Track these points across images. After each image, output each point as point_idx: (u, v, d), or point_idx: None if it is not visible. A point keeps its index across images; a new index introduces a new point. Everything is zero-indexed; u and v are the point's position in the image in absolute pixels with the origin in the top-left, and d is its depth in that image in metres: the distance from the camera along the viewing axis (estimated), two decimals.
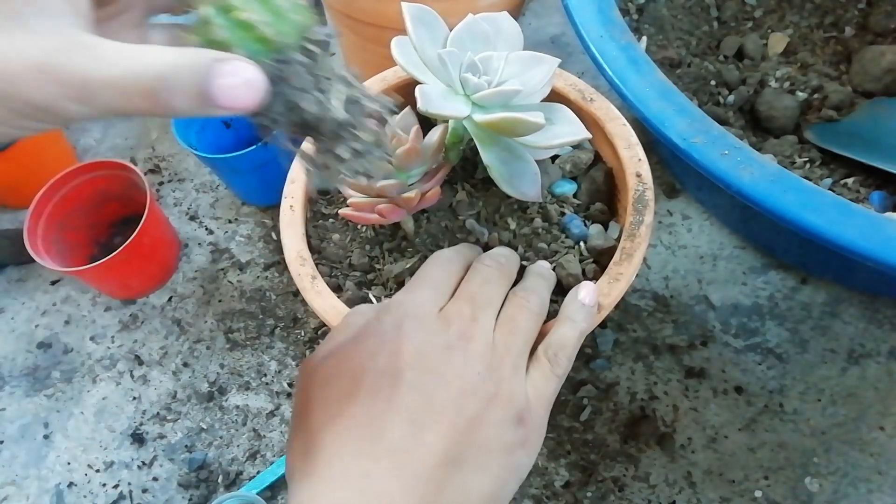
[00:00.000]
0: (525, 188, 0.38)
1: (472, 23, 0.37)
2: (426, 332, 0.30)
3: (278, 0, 0.24)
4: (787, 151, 0.59)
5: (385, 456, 0.26)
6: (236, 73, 0.22)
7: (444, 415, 0.28)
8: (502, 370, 0.30)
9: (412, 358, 0.29)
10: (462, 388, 0.28)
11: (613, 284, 0.36)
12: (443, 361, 0.29)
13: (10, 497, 0.54)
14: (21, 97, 0.20)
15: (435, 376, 0.28)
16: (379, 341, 0.30)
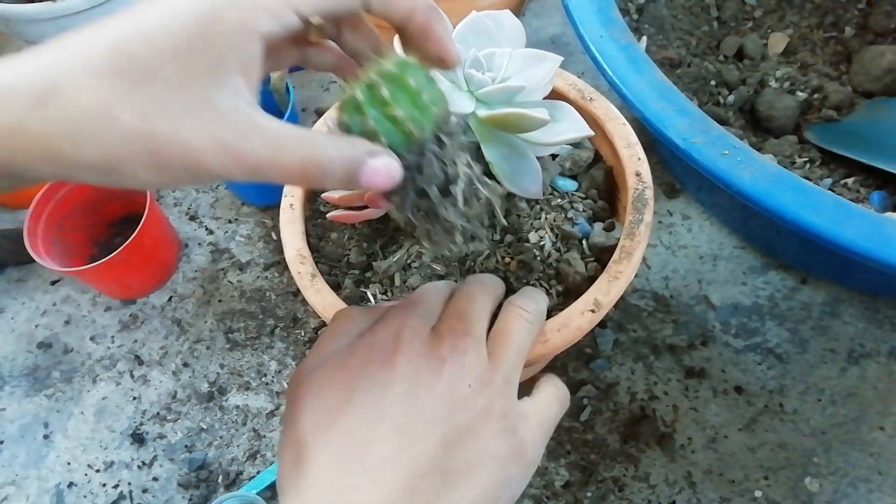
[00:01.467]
0: (528, 185, 0.38)
1: (476, 20, 0.37)
2: (419, 345, 0.30)
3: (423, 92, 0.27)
4: (787, 151, 0.59)
5: (373, 468, 0.26)
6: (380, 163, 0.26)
7: (433, 426, 0.28)
8: (494, 383, 0.30)
9: (405, 370, 0.29)
10: (453, 401, 0.28)
11: (612, 283, 0.36)
12: (434, 374, 0.29)
13: (10, 497, 0.54)
14: (200, 167, 0.23)
15: (426, 389, 0.28)
16: (372, 353, 0.30)
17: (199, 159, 0.23)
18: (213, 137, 0.23)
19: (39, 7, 0.58)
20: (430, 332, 0.31)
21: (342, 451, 0.27)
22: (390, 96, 0.26)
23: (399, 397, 0.28)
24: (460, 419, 0.28)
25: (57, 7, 0.58)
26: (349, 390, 0.29)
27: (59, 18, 0.59)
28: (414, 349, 0.30)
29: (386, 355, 0.29)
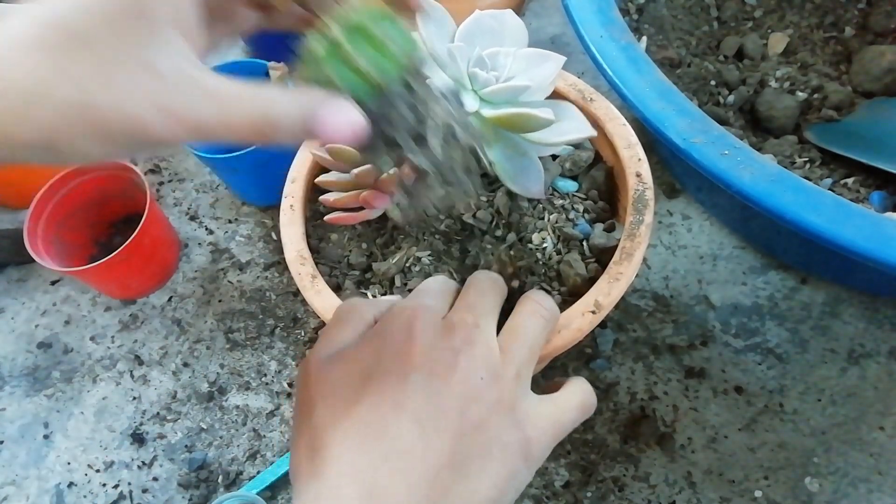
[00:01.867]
0: (530, 185, 0.38)
1: (480, 19, 0.37)
2: (433, 335, 0.30)
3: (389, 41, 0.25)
4: (787, 151, 0.59)
5: (391, 456, 0.26)
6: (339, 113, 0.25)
7: (449, 418, 0.28)
8: (506, 377, 0.30)
9: (419, 360, 0.29)
10: (466, 393, 0.28)
11: (613, 284, 0.36)
12: (449, 365, 0.29)
13: (10, 497, 0.54)
14: (145, 134, 0.22)
15: (441, 380, 0.28)
16: (386, 342, 0.30)
17: (144, 127, 0.22)
18: (156, 103, 0.22)
19: None
20: (442, 324, 0.31)
21: (360, 440, 0.27)
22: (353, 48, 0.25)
23: (416, 388, 0.28)
24: (473, 412, 0.28)
25: None
26: (364, 380, 0.28)
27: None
28: (427, 340, 0.29)
29: (400, 345, 0.29)
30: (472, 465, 0.28)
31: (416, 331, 0.30)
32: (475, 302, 0.32)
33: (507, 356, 0.30)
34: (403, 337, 0.29)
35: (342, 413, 0.28)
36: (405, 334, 0.30)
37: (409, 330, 0.30)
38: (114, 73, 0.22)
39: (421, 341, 0.29)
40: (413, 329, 0.30)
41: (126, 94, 0.22)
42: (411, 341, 0.29)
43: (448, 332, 0.30)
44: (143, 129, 0.22)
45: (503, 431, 0.29)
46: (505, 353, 0.31)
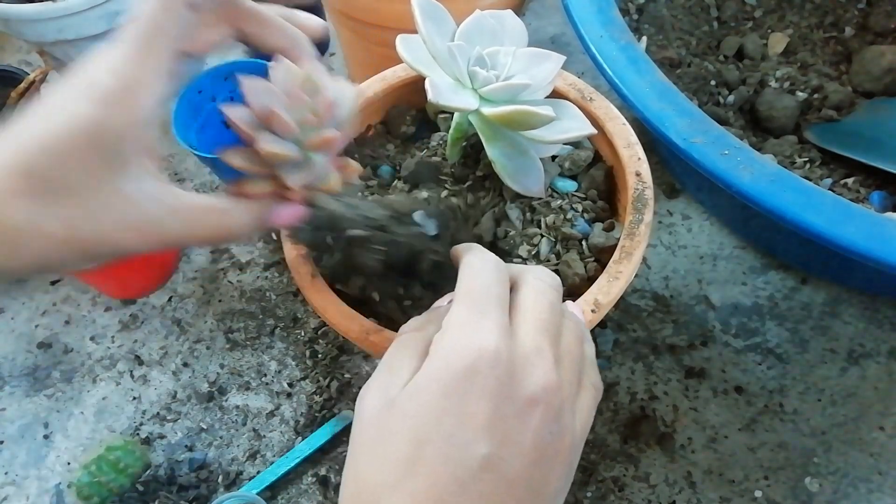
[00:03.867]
0: (530, 184, 0.38)
1: (480, 18, 0.37)
2: (504, 385, 0.25)
3: None
4: (787, 151, 0.59)
5: None
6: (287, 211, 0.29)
7: (513, 494, 0.24)
8: (566, 414, 0.26)
9: (488, 423, 0.24)
10: (536, 457, 0.25)
11: (613, 283, 0.36)
12: (523, 425, 0.25)
13: (10, 497, 0.54)
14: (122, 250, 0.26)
15: (510, 447, 0.24)
16: (445, 396, 0.25)
17: (120, 244, 0.26)
18: (131, 226, 0.25)
19: (39, 7, 0.58)
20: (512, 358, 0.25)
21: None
22: None
23: (479, 462, 0.24)
24: (539, 475, 0.25)
25: (57, 7, 0.58)
26: (418, 444, 0.24)
27: (60, 18, 0.59)
28: (499, 388, 0.25)
29: (460, 397, 0.24)
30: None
31: (481, 376, 0.25)
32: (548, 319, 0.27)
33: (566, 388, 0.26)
34: (464, 385, 0.24)
35: (392, 480, 0.24)
36: (466, 381, 0.25)
37: (472, 375, 0.25)
38: (92, 207, 0.25)
39: (487, 392, 0.24)
40: (477, 373, 0.25)
41: (105, 224, 0.25)
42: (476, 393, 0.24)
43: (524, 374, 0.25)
44: (120, 246, 0.26)
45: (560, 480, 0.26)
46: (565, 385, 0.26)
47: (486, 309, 0.26)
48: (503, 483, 0.24)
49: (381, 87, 0.46)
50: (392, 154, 0.46)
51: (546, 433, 0.25)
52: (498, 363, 0.25)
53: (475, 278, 0.28)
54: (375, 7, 0.56)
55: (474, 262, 0.29)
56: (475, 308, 0.26)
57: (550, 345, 0.26)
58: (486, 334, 0.25)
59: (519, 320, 0.27)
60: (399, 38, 0.36)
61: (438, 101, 0.33)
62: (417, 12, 0.35)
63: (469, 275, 0.28)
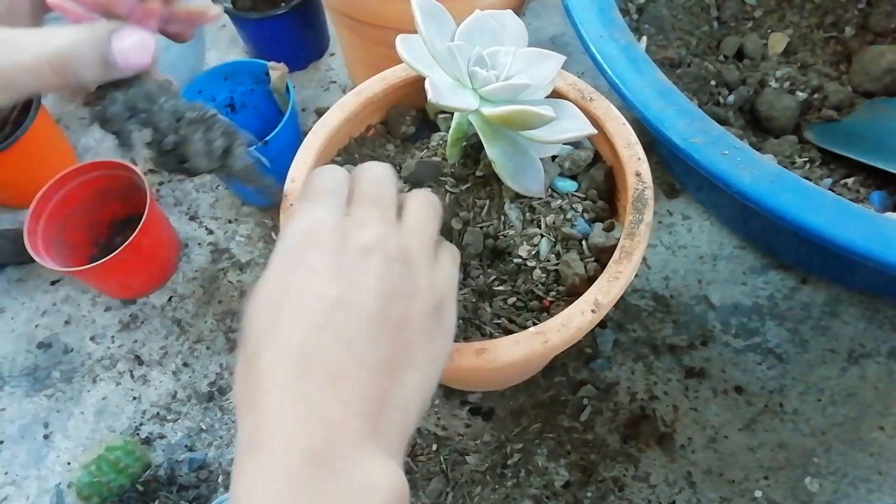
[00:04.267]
0: (529, 184, 0.38)
1: (480, 18, 0.37)
2: (339, 241, 0.28)
3: None
4: (787, 151, 0.59)
5: (322, 378, 0.25)
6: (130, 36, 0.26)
7: (372, 325, 0.27)
8: (418, 264, 0.29)
9: (331, 272, 0.27)
10: (386, 291, 0.27)
11: (613, 283, 0.36)
12: (363, 268, 0.28)
13: (10, 497, 0.54)
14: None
15: (358, 286, 0.27)
16: (292, 261, 0.28)
17: None
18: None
19: None
20: (346, 221, 0.29)
21: (288, 364, 0.26)
22: None
23: (333, 303, 0.26)
24: (396, 309, 0.28)
25: None
26: (278, 302, 0.27)
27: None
28: (335, 244, 0.28)
29: (307, 261, 0.28)
30: (402, 363, 0.27)
31: (318, 238, 0.28)
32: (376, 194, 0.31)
33: (416, 244, 0.30)
34: (306, 247, 0.28)
35: (267, 336, 0.27)
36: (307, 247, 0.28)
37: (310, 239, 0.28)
38: None
39: (327, 248, 0.28)
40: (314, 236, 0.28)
41: None
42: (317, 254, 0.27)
43: (356, 231, 0.29)
44: None
45: (425, 319, 0.29)
46: (413, 241, 0.30)
47: (320, 197, 0.30)
48: (358, 318, 0.26)
49: (381, 87, 0.46)
50: (392, 154, 0.46)
51: (391, 274, 0.28)
52: (330, 227, 0.28)
53: (314, 179, 0.31)
54: (375, 7, 0.56)
55: (317, 169, 0.32)
56: (311, 198, 0.30)
57: (381, 212, 0.30)
58: (319, 211, 0.29)
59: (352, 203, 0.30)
60: (399, 38, 0.36)
61: (438, 101, 0.33)
62: (417, 12, 0.35)
63: (310, 178, 0.31)
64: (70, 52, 0.25)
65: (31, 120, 0.60)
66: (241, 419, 0.27)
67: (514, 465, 0.51)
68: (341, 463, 0.24)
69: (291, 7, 0.68)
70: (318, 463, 0.24)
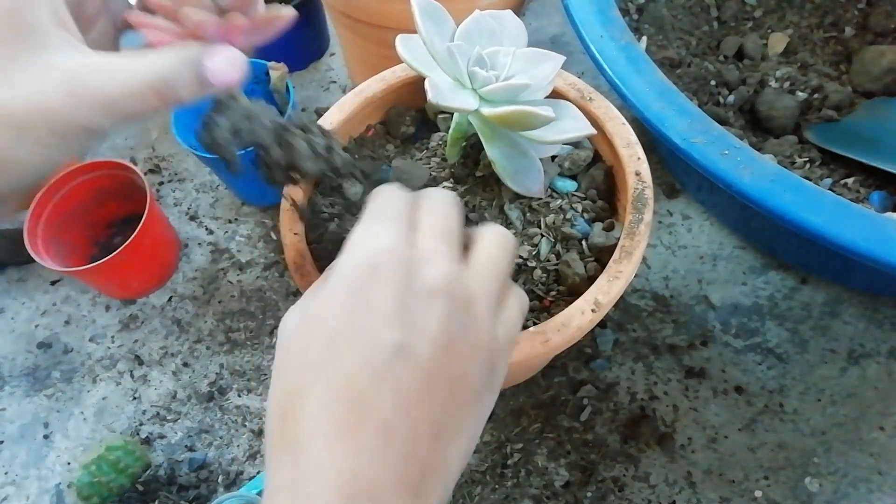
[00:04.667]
0: (529, 184, 0.38)
1: (480, 18, 0.37)
2: (404, 277, 0.26)
3: None
4: (787, 151, 0.59)
5: (372, 436, 0.24)
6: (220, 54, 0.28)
7: (429, 382, 0.25)
8: (482, 313, 0.27)
9: (394, 313, 0.25)
10: (447, 345, 0.26)
11: (613, 282, 0.36)
12: (428, 313, 0.26)
13: (10, 497, 0.54)
14: (62, 120, 0.25)
15: (420, 334, 0.25)
16: (353, 293, 0.26)
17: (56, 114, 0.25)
18: (59, 90, 0.25)
19: None
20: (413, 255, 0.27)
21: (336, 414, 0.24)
22: None
23: (394, 350, 0.25)
24: (453, 367, 0.26)
25: None
26: (332, 340, 0.25)
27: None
28: (400, 280, 0.26)
29: (367, 296, 0.26)
30: (451, 426, 0.26)
31: (383, 272, 0.26)
32: (444, 227, 0.29)
33: (482, 289, 0.28)
34: (368, 281, 0.26)
35: (315, 377, 0.25)
36: (369, 277, 0.26)
37: (374, 271, 0.26)
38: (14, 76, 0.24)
39: (390, 285, 0.26)
40: (379, 270, 0.26)
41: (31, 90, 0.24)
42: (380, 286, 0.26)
43: (422, 269, 0.27)
44: (56, 117, 0.25)
45: (478, 377, 0.27)
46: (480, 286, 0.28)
47: (386, 221, 0.28)
48: (418, 371, 0.25)
49: (381, 88, 0.46)
50: (392, 154, 0.46)
51: (454, 323, 0.26)
52: (396, 259, 0.26)
53: (378, 200, 0.30)
54: (375, 7, 0.56)
55: (380, 190, 0.30)
56: (377, 221, 0.28)
57: (449, 247, 0.28)
58: (384, 238, 0.27)
59: (419, 232, 0.28)
60: (399, 39, 0.36)
61: (438, 102, 0.33)
62: (417, 12, 0.35)
63: (374, 199, 0.30)
64: (170, 74, 0.26)
65: None
66: (275, 457, 0.25)
67: (514, 465, 0.51)
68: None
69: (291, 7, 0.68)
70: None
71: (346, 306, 0.26)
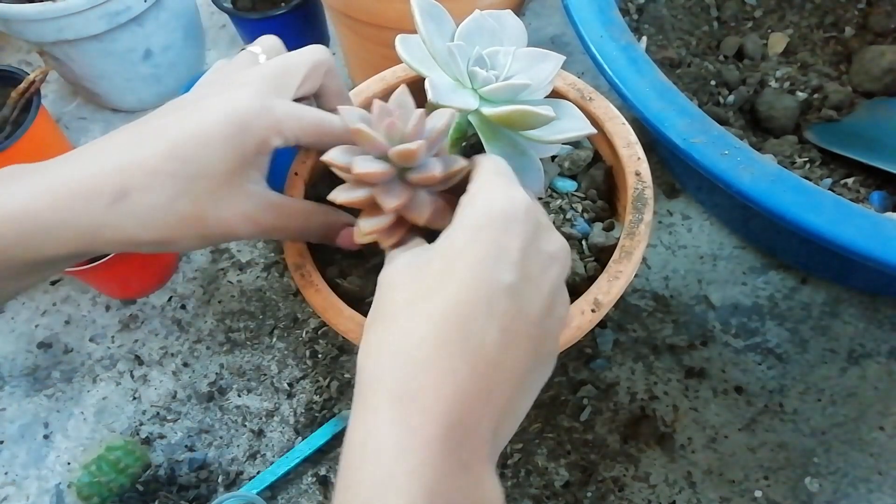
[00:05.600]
0: (529, 183, 0.38)
1: (480, 18, 0.37)
2: (534, 234, 0.28)
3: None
4: (787, 151, 0.59)
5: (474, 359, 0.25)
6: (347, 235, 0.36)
7: (531, 330, 0.27)
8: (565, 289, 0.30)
9: (518, 262, 0.26)
10: (549, 306, 0.28)
11: (612, 283, 0.36)
12: (544, 271, 0.28)
13: (10, 497, 0.54)
14: (233, 236, 0.34)
15: (533, 285, 0.27)
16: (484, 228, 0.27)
17: (234, 232, 0.33)
18: (244, 215, 0.32)
19: (39, 7, 0.58)
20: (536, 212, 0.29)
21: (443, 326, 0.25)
22: None
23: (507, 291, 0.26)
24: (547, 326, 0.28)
25: (57, 7, 0.58)
26: (451, 262, 0.26)
27: (59, 18, 0.59)
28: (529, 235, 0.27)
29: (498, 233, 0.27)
30: (534, 378, 0.28)
31: (518, 227, 0.27)
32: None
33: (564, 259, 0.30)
34: (502, 228, 0.27)
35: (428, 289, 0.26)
36: (504, 226, 0.27)
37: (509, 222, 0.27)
38: (219, 194, 0.31)
39: (521, 240, 0.27)
40: (513, 223, 0.27)
41: (226, 210, 0.32)
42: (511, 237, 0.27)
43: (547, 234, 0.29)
44: (233, 233, 0.33)
45: (554, 344, 0.29)
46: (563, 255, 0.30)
47: (513, 180, 0.30)
48: (522, 314, 0.26)
49: (381, 88, 0.46)
50: None
51: (558, 289, 0.28)
52: (531, 216, 0.28)
53: (497, 163, 0.31)
54: (375, 7, 0.56)
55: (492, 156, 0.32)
56: (504, 177, 0.29)
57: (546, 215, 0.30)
58: (519, 192, 0.28)
59: None
60: (398, 38, 0.36)
61: (438, 101, 0.33)
62: (417, 12, 0.35)
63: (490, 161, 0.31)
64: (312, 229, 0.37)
65: (31, 120, 0.60)
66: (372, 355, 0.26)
67: (514, 465, 0.51)
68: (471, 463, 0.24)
69: (291, 7, 0.68)
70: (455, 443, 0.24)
71: (472, 240, 0.27)
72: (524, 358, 0.27)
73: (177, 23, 0.70)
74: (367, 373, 0.26)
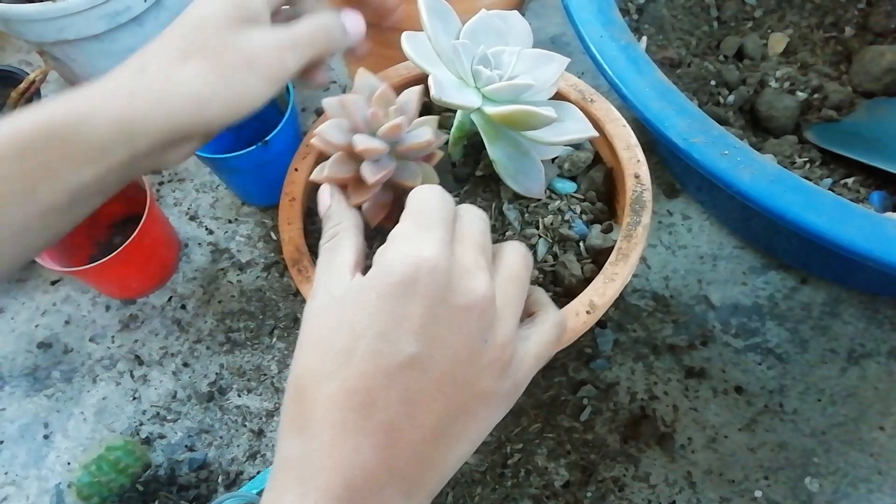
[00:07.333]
0: (530, 184, 0.38)
1: (486, 17, 0.37)
2: (441, 292, 0.26)
3: None
4: (787, 151, 0.59)
5: (376, 432, 0.26)
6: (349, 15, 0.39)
7: (441, 391, 0.26)
8: (506, 329, 0.28)
9: (420, 324, 0.26)
10: (468, 358, 0.27)
11: (609, 284, 0.36)
12: (454, 327, 0.26)
13: (10, 497, 0.54)
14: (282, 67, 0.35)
15: (440, 346, 0.26)
16: (386, 300, 0.26)
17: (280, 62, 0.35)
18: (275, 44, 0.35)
19: (39, 7, 0.58)
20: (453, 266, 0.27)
21: (346, 409, 0.26)
22: None
23: (410, 362, 0.26)
24: (469, 374, 0.27)
25: (57, 7, 0.58)
26: (355, 338, 0.26)
27: (59, 18, 0.59)
28: (436, 295, 0.26)
29: (400, 301, 0.26)
30: (456, 430, 0.27)
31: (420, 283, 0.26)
32: (480, 240, 0.29)
33: (505, 301, 0.28)
34: (402, 291, 0.26)
35: (332, 371, 0.26)
36: (404, 292, 0.26)
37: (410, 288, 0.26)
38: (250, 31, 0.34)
39: (424, 296, 0.26)
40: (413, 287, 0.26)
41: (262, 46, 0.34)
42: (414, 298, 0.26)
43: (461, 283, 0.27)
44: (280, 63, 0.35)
45: (494, 387, 0.28)
46: (503, 297, 0.28)
47: (430, 226, 0.28)
48: (429, 381, 0.26)
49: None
50: None
51: (478, 339, 0.27)
52: (436, 272, 0.26)
53: (422, 201, 0.30)
54: None
55: (423, 189, 0.30)
56: (420, 224, 0.28)
57: (487, 264, 0.29)
58: (427, 245, 0.27)
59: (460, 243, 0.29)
60: (404, 35, 0.36)
61: (441, 98, 0.33)
62: (424, 10, 0.35)
63: (417, 198, 0.30)
64: (330, 25, 0.37)
65: None
66: (285, 436, 0.28)
67: (514, 465, 0.51)
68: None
69: None
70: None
71: (375, 310, 0.26)
72: (434, 418, 0.26)
73: None
74: (280, 454, 0.28)
